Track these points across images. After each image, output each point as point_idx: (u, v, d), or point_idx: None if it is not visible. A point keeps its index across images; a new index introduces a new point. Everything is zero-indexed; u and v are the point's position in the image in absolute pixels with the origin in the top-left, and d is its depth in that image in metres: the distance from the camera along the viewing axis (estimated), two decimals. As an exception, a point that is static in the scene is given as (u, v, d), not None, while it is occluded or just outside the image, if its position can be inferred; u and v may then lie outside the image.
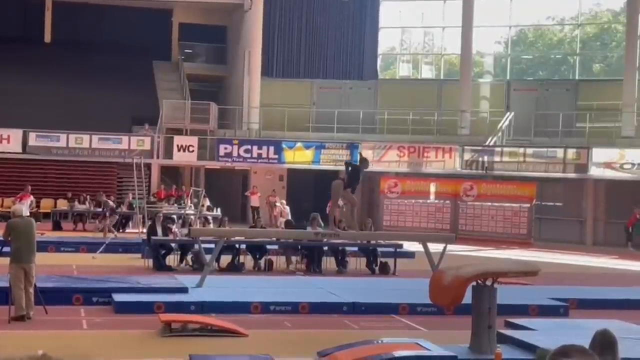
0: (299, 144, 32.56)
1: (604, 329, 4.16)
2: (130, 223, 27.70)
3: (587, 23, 40.00)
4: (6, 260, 12.64)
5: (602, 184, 30.63)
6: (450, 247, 17.62)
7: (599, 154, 29.35)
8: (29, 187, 27.15)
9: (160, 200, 29.90)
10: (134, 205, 27.25)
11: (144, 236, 20.69)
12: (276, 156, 32.41)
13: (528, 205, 29.63)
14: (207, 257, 16.32)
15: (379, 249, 20.31)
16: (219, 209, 28.63)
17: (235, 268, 19.11)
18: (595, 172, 29.47)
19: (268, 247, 19.91)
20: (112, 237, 23.05)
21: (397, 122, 34.16)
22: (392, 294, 15.19)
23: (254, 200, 31.63)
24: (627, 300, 15.60)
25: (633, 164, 28.96)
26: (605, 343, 4.05)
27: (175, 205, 29.28)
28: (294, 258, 19.97)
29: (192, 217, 25.36)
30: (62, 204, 29.64)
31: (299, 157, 32.43)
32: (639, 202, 28.93)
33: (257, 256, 19.66)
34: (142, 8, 38.72)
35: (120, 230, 26.82)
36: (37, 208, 29.23)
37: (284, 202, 30.20)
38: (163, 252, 19.15)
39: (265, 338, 11.74)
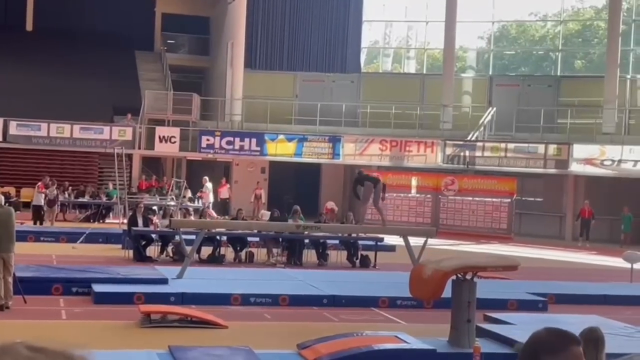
0: (281, 136, 32.53)
1: (593, 327, 4.20)
2: (110, 213, 27.65)
3: (569, 20, 40.16)
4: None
5: (582, 180, 30.80)
6: (430, 241, 17.66)
7: (580, 150, 29.49)
8: (47, 178, 26.63)
9: (142, 191, 29.82)
10: (112, 195, 27.22)
11: (125, 227, 20.65)
12: (258, 148, 32.37)
13: (508, 200, 29.78)
14: (188, 248, 16.30)
15: (360, 242, 20.36)
16: (200, 201, 28.60)
17: (215, 260, 19.10)
18: (575, 168, 29.62)
19: (249, 239, 19.94)
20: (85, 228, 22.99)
21: (380, 115, 34.18)
22: (372, 287, 15.24)
23: (223, 192, 31.54)
24: (605, 296, 15.72)
25: (613, 161, 29.12)
26: (590, 340, 4.09)
27: (157, 196, 29.21)
28: (275, 250, 19.98)
29: (173, 208, 25.31)
30: (43, 194, 29.43)
31: (281, 149, 32.39)
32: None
33: (238, 248, 19.66)
34: (125, -2, 38.57)
35: (100, 221, 26.79)
36: (17, 197, 29.07)
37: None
38: (143, 242, 19.12)
39: (245, 330, 11.75)
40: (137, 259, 18.45)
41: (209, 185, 29.99)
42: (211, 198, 29.85)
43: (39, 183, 25.59)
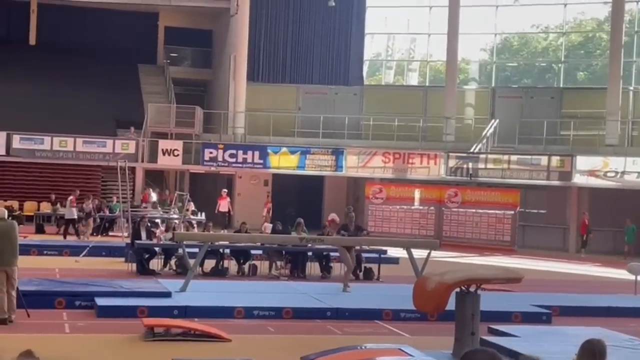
0: (284, 149, 32.54)
1: (592, 339, 4.19)
2: (113, 227, 27.64)
3: (571, 31, 40.20)
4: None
5: (585, 192, 30.76)
6: (434, 253, 17.64)
7: (583, 162, 29.47)
8: (78, 192, 26.86)
9: (145, 204, 29.80)
10: (115, 209, 27.22)
11: (128, 240, 20.63)
12: (261, 161, 32.37)
13: (512, 212, 29.73)
14: (191, 261, 16.28)
15: (363, 255, 20.30)
16: (203, 214, 28.59)
17: (219, 273, 19.08)
18: (579, 179, 29.59)
19: (252, 251, 19.92)
20: (88, 241, 22.95)
21: (383, 128, 34.22)
22: (375, 300, 15.21)
23: (223, 206, 31.44)
24: (609, 308, 15.66)
25: (616, 172, 29.10)
26: (587, 351, 4.08)
27: (160, 209, 29.20)
28: (278, 263, 19.96)
29: (176, 221, 25.30)
30: (46, 207, 29.50)
31: (284, 162, 32.40)
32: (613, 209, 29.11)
33: (241, 261, 19.64)
34: (128, 11, 38.60)
35: (103, 234, 26.77)
36: (20, 211, 29.07)
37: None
38: (147, 256, 19.10)
39: (248, 343, 11.73)
40: (140, 272, 18.43)
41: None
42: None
43: (71, 197, 25.80)
